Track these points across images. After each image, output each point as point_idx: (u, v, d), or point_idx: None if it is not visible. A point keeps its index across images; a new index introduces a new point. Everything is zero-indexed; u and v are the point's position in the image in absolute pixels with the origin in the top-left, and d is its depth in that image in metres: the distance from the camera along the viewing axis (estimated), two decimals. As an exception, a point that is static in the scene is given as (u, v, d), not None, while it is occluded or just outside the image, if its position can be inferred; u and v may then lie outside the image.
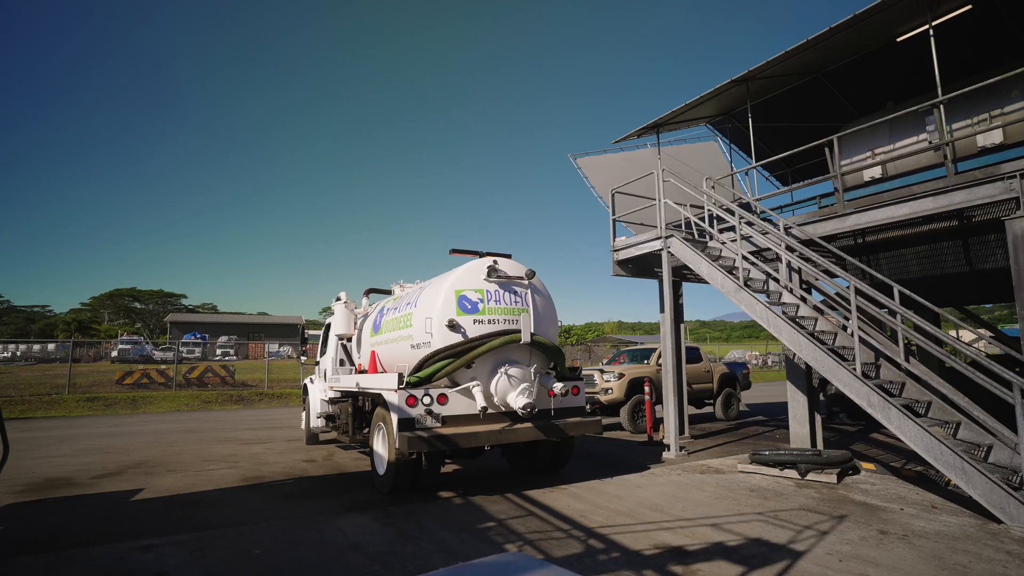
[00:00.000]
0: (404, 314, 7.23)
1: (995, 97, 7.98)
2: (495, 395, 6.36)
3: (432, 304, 6.54)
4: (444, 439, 5.93)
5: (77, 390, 20.31)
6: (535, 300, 6.86)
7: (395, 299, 8.20)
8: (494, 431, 6.20)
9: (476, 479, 7.46)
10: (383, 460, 6.59)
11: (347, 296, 9.69)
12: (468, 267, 6.75)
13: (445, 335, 6.34)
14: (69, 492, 6.88)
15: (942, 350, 6.19)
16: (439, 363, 6.25)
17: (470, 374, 6.34)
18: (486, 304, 6.56)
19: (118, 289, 73.05)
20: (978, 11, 8.30)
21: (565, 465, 7.56)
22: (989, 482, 5.07)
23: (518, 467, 7.72)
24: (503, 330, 6.49)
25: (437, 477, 7.26)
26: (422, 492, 6.59)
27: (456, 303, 6.45)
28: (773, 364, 45.35)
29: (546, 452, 7.34)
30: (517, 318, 6.61)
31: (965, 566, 4.11)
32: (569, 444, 7.31)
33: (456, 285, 6.55)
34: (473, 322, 6.44)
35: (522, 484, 6.98)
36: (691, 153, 13.37)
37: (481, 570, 1.72)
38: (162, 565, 4.31)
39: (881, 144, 9.46)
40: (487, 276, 6.64)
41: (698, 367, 13.51)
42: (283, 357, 39.39)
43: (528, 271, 6.90)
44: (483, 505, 5.95)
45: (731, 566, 4.12)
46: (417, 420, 6.02)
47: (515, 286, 6.82)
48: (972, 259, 8.74)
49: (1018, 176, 6.11)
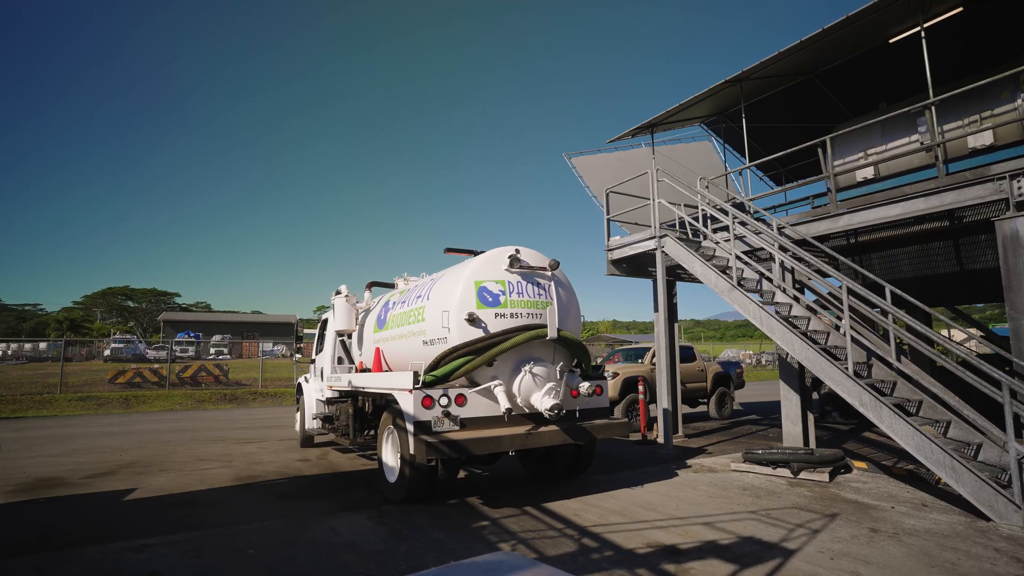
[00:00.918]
0: (414, 308, 6.77)
1: (986, 99, 8.05)
2: (518, 395, 5.89)
3: (449, 296, 6.06)
4: (464, 444, 5.32)
5: (69, 389, 20.16)
6: (559, 292, 6.38)
7: (401, 292, 7.77)
8: (519, 435, 5.66)
9: (473, 480, 7.47)
10: (394, 467, 6.10)
11: (348, 290, 9.09)
12: (487, 256, 6.27)
13: (464, 330, 5.84)
14: (61, 492, 6.84)
15: (933, 350, 6.25)
16: (457, 360, 5.75)
17: (491, 373, 5.87)
18: (508, 296, 6.06)
19: (111, 287, 72.55)
20: (969, 13, 8.37)
21: (586, 470, 7.13)
22: (978, 480, 5.13)
23: (535, 472, 7.26)
24: (527, 325, 6.02)
25: (453, 484, 6.88)
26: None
27: (476, 295, 5.95)
28: (767, 363, 45.57)
29: (567, 456, 6.90)
30: (541, 312, 6.16)
31: (954, 563, 4.15)
32: (591, 447, 6.89)
33: (475, 276, 6.04)
34: (494, 316, 5.95)
35: (518, 484, 6.99)
36: (685, 153, 13.42)
37: (473, 569, 1.73)
38: (155, 565, 4.30)
39: (874, 145, 9.52)
40: (509, 266, 6.15)
41: (692, 366, 13.57)
42: (277, 356, 39.26)
43: (552, 261, 6.42)
44: (477, 504, 5.96)
45: (724, 564, 4.15)
46: (433, 423, 5.53)
47: (538, 277, 6.34)
48: (963, 259, 8.83)
49: (1007, 177, 6.17)
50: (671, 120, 11.62)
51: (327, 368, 9.14)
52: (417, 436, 5.42)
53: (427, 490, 5.87)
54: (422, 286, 7.07)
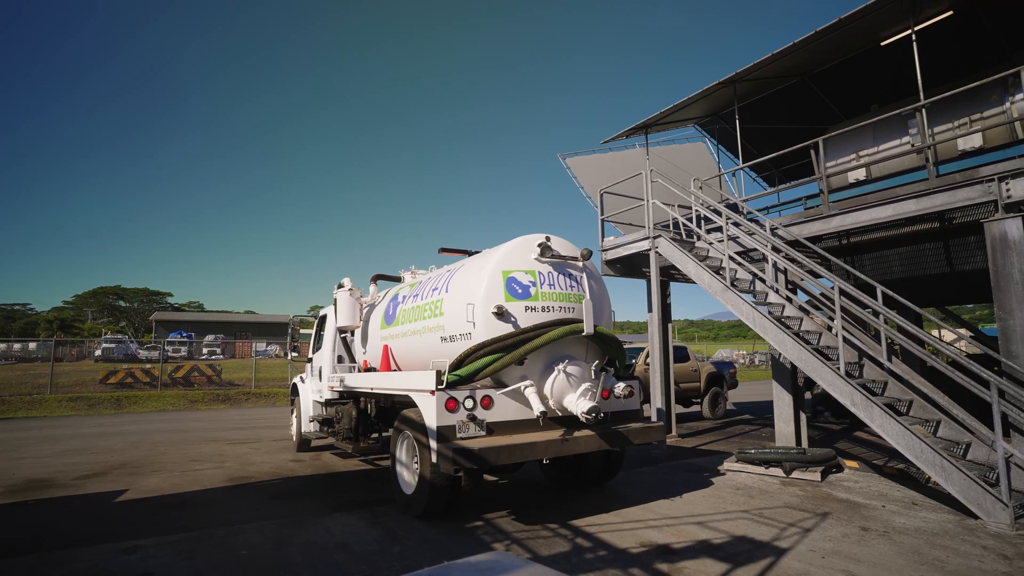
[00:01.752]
0: (430, 301, 6.28)
1: (975, 101, 8.14)
2: (550, 397, 5.42)
3: (474, 288, 5.55)
4: (493, 452, 4.71)
5: (59, 390, 19.98)
6: (591, 285, 5.94)
7: (411, 286, 7.27)
8: (554, 441, 5.10)
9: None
10: (412, 477, 5.57)
11: (351, 283, 8.41)
12: (515, 244, 5.79)
13: (491, 325, 5.33)
14: (51, 493, 6.78)
15: (923, 350, 6.30)
16: (485, 359, 5.23)
17: (520, 372, 5.38)
18: (539, 288, 5.58)
19: (102, 287, 72.02)
20: (959, 17, 8.45)
21: (615, 476, 6.62)
22: (967, 479, 5.19)
23: (561, 481, 6.73)
24: (560, 319, 5.55)
25: (477, 494, 6.35)
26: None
27: (504, 286, 5.45)
28: (760, 363, 45.80)
29: (597, 463, 6.38)
30: (573, 305, 5.70)
31: (943, 561, 4.20)
32: (621, 453, 6.37)
33: (503, 265, 5.55)
34: (524, 309, 5.46)
35: (513, 486, 6.99)
36: (679, 154, 13.48)
37: (467, 569, 1.74)
38: (148, 566, 4.27)
39: (865, 146, 9.60)
40: (539, 255, 5.66)
41: (685, 366, 13.63)
42: (270, 356, 39.06)
43: (584, 250, 5.98)
44: (471, 504, 5.96)
45: (716, 564, 4.17)
46: (458, 428, 5.00)
47: (569, 268, 5.87)
48: (953, 260, 8.91)
49: (996, 179, 6.24)
50: (665, 121, 11.67)
51: (326, 367, 8.61)
52: (441, 443, 4.92)
53: (448, 504, 5.31)
54: (437, 278, 6.61)
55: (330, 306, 8.82)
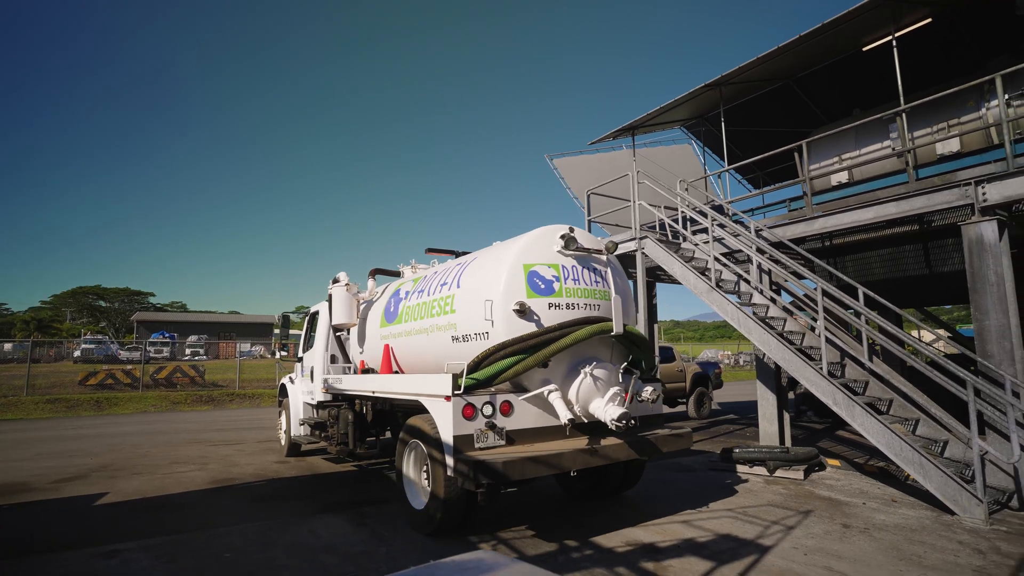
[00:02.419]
0: (439, 298, 5.78)
1: (953, 107, 8.32)
2: (575, 403, 4.95)
3: (492, 283, 5.06)
4: (516, 464, 4.26)
5: (36, 391, 19.56)
6: (616, 280, 5.46)
7: (415, 280, 6.77)
8: (582, 451, 4.66)
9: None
10: (422, 491, 5.07)
11: (348, 278, 7.84)
12: (536, 235, 5.31)
13: (512, 323, 4.85)
14: (28, 498, 6.63)
15: (903, 350, 6.43)
16: (506, 360, 4.74)
17: (542, 376, 4.91)
18: (563, 284, 5.12)
19: (81, 287, 70.49)
20: (938, 24, 8.64)
21: (635, 486, 6.19)
22: (944, 476, 5.30)
23: (577, 490, 6.26)
24: (586, 318, 5.10)
25: (494, 510, 5.73)
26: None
27: (525, 281, 4.98)
28: (745, 364, 46.30)
29: (616, 471, 5.91)
30: (599, 303, 5.26)
31: (920, 556, 4.29)
32: (642, 461, 5.84)
33: (523, 258, 5.07)
34: (548, 307, 4.99)
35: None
36: (666, 155, 13.59)
37: (452, 568, 1.74)
38: (128, 570, 4.21)
39: (848, 150, 9.77)
40: (563, 247, 5.21)
41: (671, 366, 13.74)
42: (255, 357, 38.63)
43: (608, 243, 5.56)
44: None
45: (701, 562, 4.22)
46: (476, 438, 4.54)
47: (594, 262, 5.43)
48: (932, 262, 9.10)
49: (973, 183, 6.38)
50: (652, 123, 11.76)
51: (318, 367, 8.05)
52: (457, 456, 4.45)
53: (464, 518, 4.80)
54: (445, 272, 6.07)
55: (322, 302, 8.45)
